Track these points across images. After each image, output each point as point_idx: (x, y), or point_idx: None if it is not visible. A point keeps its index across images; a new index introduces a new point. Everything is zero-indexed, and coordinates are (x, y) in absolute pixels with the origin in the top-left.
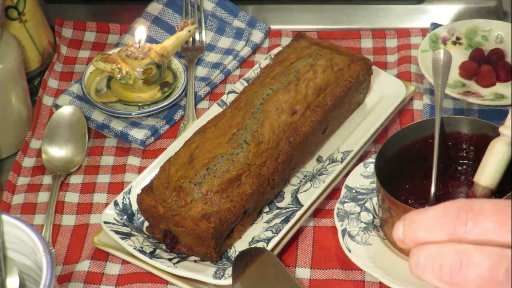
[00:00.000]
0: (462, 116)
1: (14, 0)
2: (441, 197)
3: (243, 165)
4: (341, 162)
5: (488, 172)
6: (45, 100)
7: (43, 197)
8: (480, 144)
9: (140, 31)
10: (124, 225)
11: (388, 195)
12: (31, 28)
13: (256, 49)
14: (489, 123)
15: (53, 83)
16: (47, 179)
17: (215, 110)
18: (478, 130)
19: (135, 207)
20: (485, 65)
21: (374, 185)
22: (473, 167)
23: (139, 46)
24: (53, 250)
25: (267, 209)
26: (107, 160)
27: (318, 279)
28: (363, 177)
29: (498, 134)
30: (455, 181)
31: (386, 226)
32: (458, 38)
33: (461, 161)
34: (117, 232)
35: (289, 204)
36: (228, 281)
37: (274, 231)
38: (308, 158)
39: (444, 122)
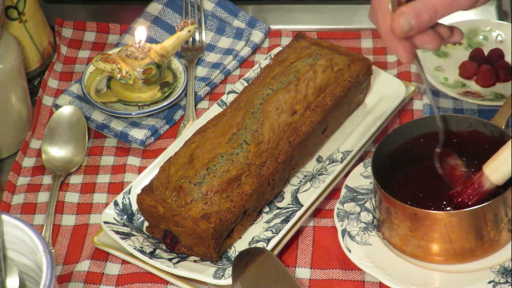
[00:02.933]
0: (453, 114)
1: (14, 0)
2: (436, 194)
3: (243, 165)
4: (341, 162)
5: (502, 173)
6: (45, 100)
7: (43, 197)
8: (472, 141)
9: (140, 31)
10: (124, 225)
11: (386, 195)
12: (31, 28)
13: (256, 49)
14: (480, 119)
15: (53, 83)
16: (47, 179)
17: (215, 110)
18: (469, 127)
19: (135, 207)
20: (485, 65)
21: None
22: (466, 164)
23: (139, 46)
24: (53, 250)
25: (267, 209)
26: (107, 160)
27: (318, 279)
28: (363, 177)
29: (489, 130)
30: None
31: (384, 227)
32: None
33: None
34: (117, 232)
35: (289, 204)
36: (228, 281)
37: (274, 231)
38: (308, 158)
39: (435, 121)
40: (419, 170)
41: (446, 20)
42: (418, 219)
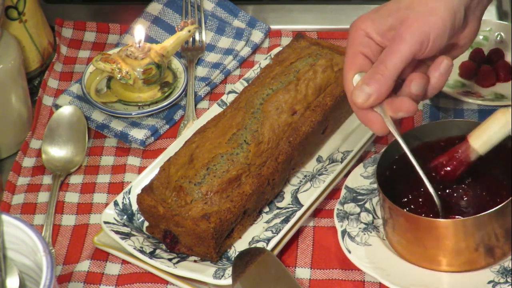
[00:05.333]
0: (453, 120)
1: (14, 0)
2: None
3: (243, 165)
4: (341, 162)
5: (487, 142)
6: (45, 100)
7: (43, 197)
8: None
9: (140, 31)
10: (124, 225)
11: (391, 203)
12: (31, 28)
13: (256, 49)
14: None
15: (53, 83)
16: (47, 179)
17: (215, 110)
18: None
19: (135, 207)
20: (485, 65)
21: (374, 186)
22: (470, 169)
23: (139, 46)
24: (53, 250)
25: (267, 209)
26: (107, 160)
27: (318, 279)
28: (363, 178)
29: None
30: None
31: (387, 226)
32: None
33: None
34: (117, 232)
35: (289, 204)
36: (228, 281)
37: (274, 231)
38: (308, 158)
39: (439, 127)
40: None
41: None
42: (422, 227)
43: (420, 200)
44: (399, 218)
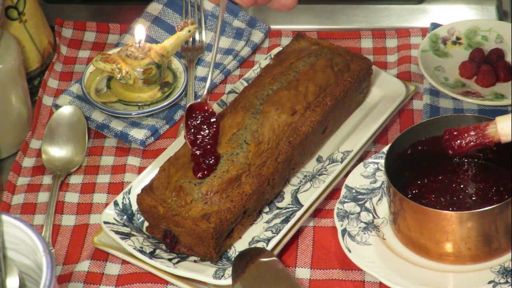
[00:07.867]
0: (465, 114)
1: (14, 0)
2: (448, 193)
3: (243, 165)
4: (341, 162)
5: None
6: (45, 100)
7: (43, 197)
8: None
9: (140, 31)
10: (124, 225)
11: (398, 193)
12: (31, 28)
13: (256, 49)
14: (482, 116)
15: (53, 83)
16: (47, 179)
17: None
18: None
19: (135, 207)
20: (485, 65)
21: (374, 185)
22: (477, 164)
23: (139, 46)
24: (53, 250)
25: (267, 209)
26: (107, 160)
27: (318, 279)
28: (363, 177)
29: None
30: (463, 178)
31: (398, 219)
32: (458, 38)
33: (466, 159)
34: (117, 232)
35: (289, 204)
36: (228, 281)
37: (274, 231)
38: (308, 158)
39: (448, 121)
40: (433, 168)
41: (446, 22)
42: (430, 218)
43: (425, 194)
44: (410, 211)
